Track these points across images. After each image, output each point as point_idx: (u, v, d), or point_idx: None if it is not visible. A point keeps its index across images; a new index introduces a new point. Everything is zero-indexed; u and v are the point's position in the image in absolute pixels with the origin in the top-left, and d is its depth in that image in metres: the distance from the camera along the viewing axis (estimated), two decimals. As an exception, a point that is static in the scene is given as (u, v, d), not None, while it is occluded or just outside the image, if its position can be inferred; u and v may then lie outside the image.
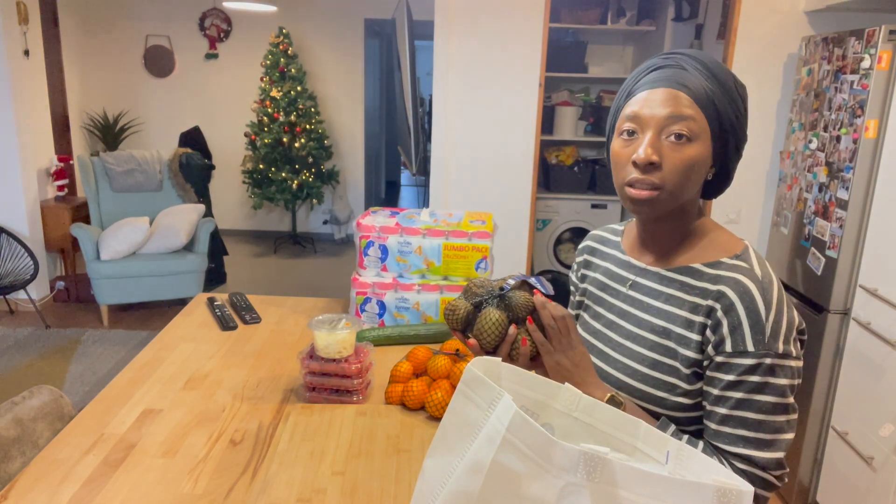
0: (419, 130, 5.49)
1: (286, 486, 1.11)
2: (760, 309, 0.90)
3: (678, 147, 0.91)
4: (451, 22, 3.29)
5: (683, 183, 0.93)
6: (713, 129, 0.93)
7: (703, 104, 0.92)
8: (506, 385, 0.86)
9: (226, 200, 6.66)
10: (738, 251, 0.98)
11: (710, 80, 0.93)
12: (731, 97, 0.93)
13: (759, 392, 0.90)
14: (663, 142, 0.92)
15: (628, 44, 4.67)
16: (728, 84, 0.94)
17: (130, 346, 3.91)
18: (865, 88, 2.19)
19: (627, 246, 1.11)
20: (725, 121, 0.93)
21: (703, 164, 0.94)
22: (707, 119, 0.92)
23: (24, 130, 4.35)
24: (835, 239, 2.33)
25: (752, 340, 0.90)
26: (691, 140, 0.91)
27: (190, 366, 1.54)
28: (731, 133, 0.95)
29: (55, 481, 1.09)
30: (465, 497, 0.72)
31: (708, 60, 0.94)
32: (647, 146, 0.91)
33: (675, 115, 0.91)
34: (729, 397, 0.92)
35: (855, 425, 2.24)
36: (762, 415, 0.91)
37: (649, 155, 0.91)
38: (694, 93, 0.91)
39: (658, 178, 0.92)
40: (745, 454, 0.91)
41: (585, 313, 1.14)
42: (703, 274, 0.97)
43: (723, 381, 0.92)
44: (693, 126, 0.91)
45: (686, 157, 0.91)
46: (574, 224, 4.26)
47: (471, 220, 1.80)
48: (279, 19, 6.23)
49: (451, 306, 1.13)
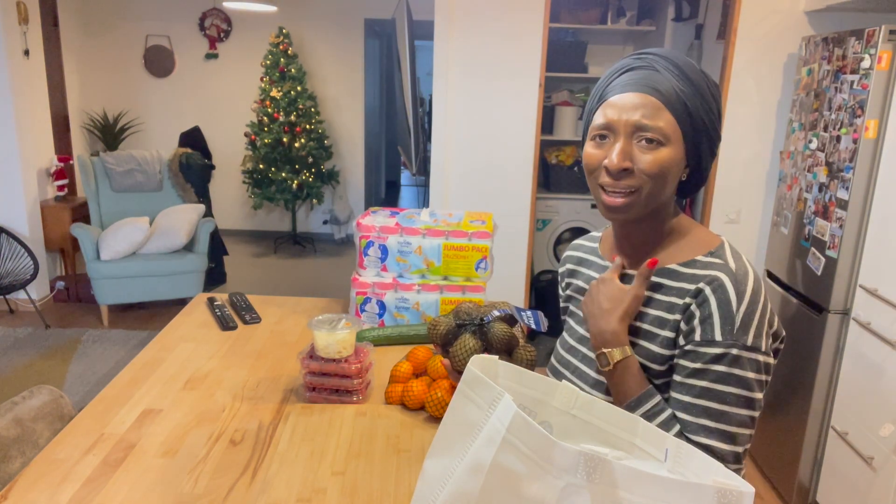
0: (419, 130, 5.49)
1: (286, 486, 1.11)
2: (732, 299, 0.90)
3: (650, 151, 0.91)
4: (451, 22, 3.29)
5: (656, 187, 0.93)
6: (685, 131, 0.93)
7: (673, 107, 0.91)
8: (503, 383, 0.86)
9: (226, 200, 6.66)
10: (714, 248, 0.98)
11: (681, 80, 0.92)
12: (703, 97, 0.93)
13: (723, 382, 0.89)
14: (635, 146, 0.92)
15: (628, 44, 4.67)
16: (700, 84, 0.93)
17: (130, 346, 3.91)
18: (865, 88, 2.19)
19: (605, 251, 1.11)
20: (697, 121, 0.93)
21: (677, 166, 0.94)
22: (678, 121, 0.92)
23: (24, 130, 4.34)
24: (835, 239, 2.33)
25: (720, 330, 0.90)
26: (663, 144, 0.91)
27: (190, 366, 1.54)
28: (704, 133, 0.94)
29: (55, 481, 1.09)
30: (465, 497, 0.72)
31: (680, 61, 0.94)
32: (618, 152, 0.91)
33: (646, 119, 0.91)
34: (692, 385, 0.91)
35: (855, 425, 2.24)
36: (725, 406, 0.90)
37: (621, 161, 0.91)
38: (665, 96, 0.91)
39: (630, 183, 0.92)
40: (707, 444, 0.90)
41: (571, 319, 1.15)
42: (680, 274, 0.97)
43: (687, 369, 0.92)
44: (664, 130, 0.91)
45: (658, 161, 0.91)
46: (574, 224, 4.26)
47: (471, 220, 1.79)
48: (279, 19, 6.23)
49: (434, 321, 1.24)
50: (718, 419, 0.90)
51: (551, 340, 4.09)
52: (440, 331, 1.20)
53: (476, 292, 1.74)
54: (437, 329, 1.21)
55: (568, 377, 1.09)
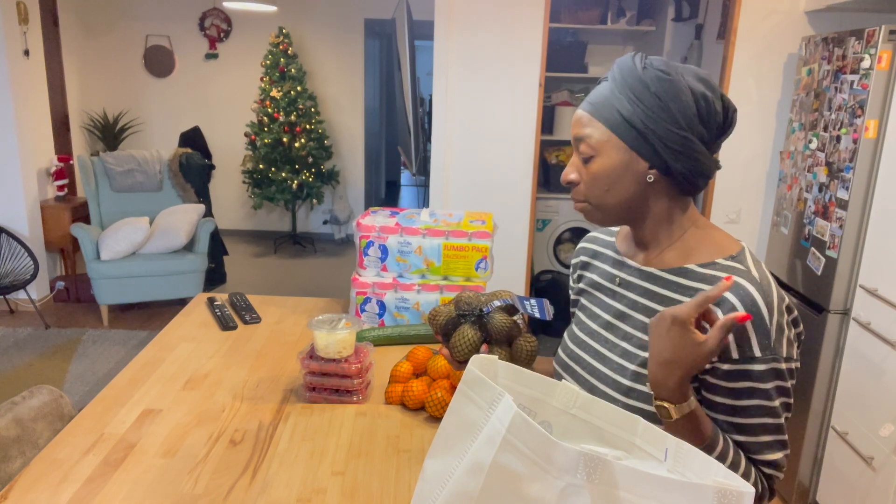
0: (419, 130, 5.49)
1: (286, 486, 1.11)
2: (764, 313, 0.90)
3: (586, 164, 0.99)
4: (451, 22, 3.29)
5: (601, 194, 0.99)
6: (625, 138, 0.95)
7: (604, 117, 0.96)
8: (503, 383, 0.86)
9: (226, 200, 6.66)
10: (734, 252, 0.98)
11: (620, 89, 0.95)
12: (641, 102, 0.93)
13: (770, 398, 0.91)
14: (580, 159, 1.01)
15: (628, 44, 4.67)
16: (639, 90, 0.93)
17: (130, 346, 3.91)
18: (865, 88, 2.19)
19: (621, 246, 1.12)
20: (639, 127, 0.94)
21: (623, 171, 0.97)
22: (613, 129, 0.96)
23: (24, 130, 4.34)
24: (835, 239, 2.33)
25: (758, 346, 0.89)
26: (593, 156, 0.98)
27: (190, 366, 1.54)
28: (654, 137, 0.93)
29: (55, 481, 1.09)
30: (465, 497, 0.72)
31: (626, 69, 0.96)
32: (567, 167, 1.02)
33: (578, 136, 0.99)
34: (744, 406, 0.91)
35: (855, 425, 2.24)
36: (777, 418, 0.92)
37: (566, 175, 1.02)
38: (597, 108, 0.98)
39: (578, 193, 1.02)
40: (772, 459, 0.93)
41: (582, 314, 1.15)
42: (697, 274, 0.97)
43: (735, 390, 0.92)
44: (593, 142, 0.98)
45: (593, 172, 0.99)
46: (574, 224, 4.26)
47: (471, 220, 1.79)
48: (279, 19, 6.23)
49: (434, 311, 1.24)
50: (775, 432, 0.93)
51: (552, 340, 4.09)
52: (440, 321, 1.19)
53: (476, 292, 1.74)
54: (436, 319, 1.20)
55: (577, 371, 1.09)
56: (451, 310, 1.30)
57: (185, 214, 4.36)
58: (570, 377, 1.11)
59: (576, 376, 1.10)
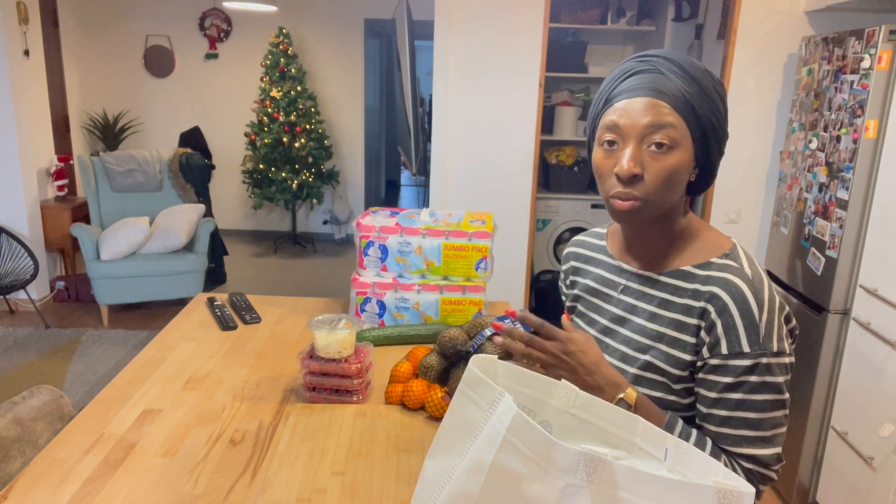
0: (419, 130, 5.49)
1: (286, 486, 1.11)
2: (754, 309, 0.91)
3: (660, 156, 0.91)
4: (451, 22, 3.29)
5: (666, 191, 0.93)
6: (694, 133, 0.93)
7: (681, 109, 0.91)
8: (502, 383, 0.86)
9: (226, 200, 6.66)
10: (727, 250, 0.98)
11: (688, 82, 0.92)
12: (709, 98, 0.93)
13: (757, 392, 0.91)
14: (644, 151, 0.91)
15: (628, 44, 4.67)
16: (706, 85, 0.93)
17: (130, 346, 3.91)
18: (865, 88, 2.19)
19: (615, 250, 1.11)
20: (706, 123, 0.93)
21: (686, 168, 0.94)
22: (687, 124, 0.92)
23: (24, 130, 4.35)
24: (835, 239, 2.33)
25: (747, 341, 0.90)
26: (672, 148, 0.91)
27: (190, 366, 1.54)
28: (713, 134, 0.94)
29: (55, 481, 1.09)
30: (465, 498, 0.72)
31: (684, 62, 0.93)
32: (629, 158, 0.91)
33: (656, 124, 0.90)
34: (728, 399, 0.92)
35: (855, 425, 2.24)
36: (762, 413, 0.91)
37: (632, 168, 0.90)
38: (672, 99, 0.91)
39: (641, 189, 0.92)
40: (750, 454, 0.92)
41: (580, 320, 1.14)
42: (695, 276, 0.97)
43: (720, 384, 0.92)
44: (673, 133, 0.90)
45: (669, 165, 0.91)
46: (574, 224, 4.26)
47: (471, 220, 1.79)
48: (279, 19, 6.23)
49: (425, 366, 1.24)
50: (757, 427, 0.91)
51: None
52: (433, 374, 1.23)
53: (476, 292, 1.74)
54: (429, 374, 1.24)
55: None
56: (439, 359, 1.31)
57: (185, 214, 4.36)
58: None
59: None
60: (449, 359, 1.31)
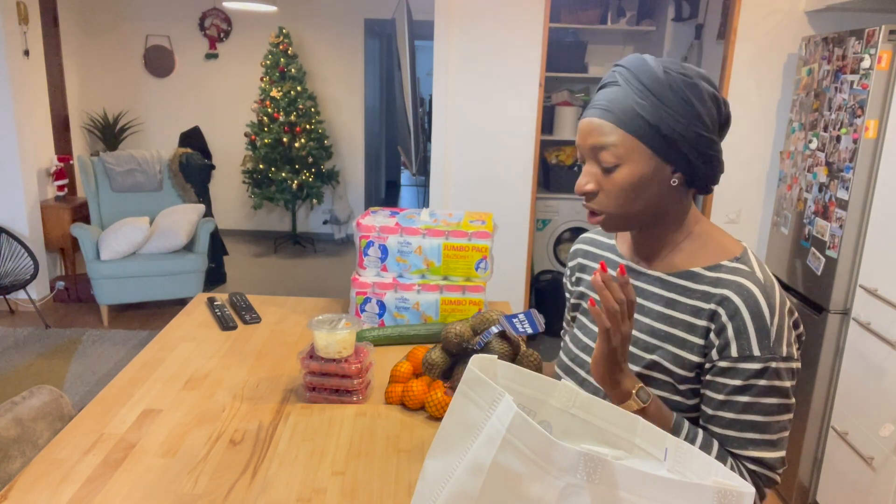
0: (419, 130, 5.48)
1: (286, 486, 1.11)
2: (765, 313, 0.91)
3: (609, 173, 0.95)
4: (451, 22, 3.29)
5: (625, 203, 0.96)
6: (651, 143, 0.92)
7: (628, 124, 0.92)
8: (502, 383, 0.86)
9: (226, 200, 6.66)
10: (738, 254, 0.98)
11: (640, 94, 0.92)
12: (666, 106, 0.91)
13: (765, 395, 0.91)
14: (599, 168, 0.96)
15: (628, 44, 4.67)
16: (662, 93, 0.91)
17: (130, 346, 3.91)
18: (865, 88, 2.19)
19: (624, 249, 1.11)
20: (665, 131, 0.92)
21: (649, 178, 0.94)
22: (638, 137, 0.92)
23: (24, 130, 4.34)
24: (835, 239, 2.33)
25: (757, 345, 0.90)
26: (620, 165, 0.94)
27: (190, 366, 1.54)
28: (680, 140, 0.92)
29: (55, 481, 1.09)
30: (465, 497, 0.72)
31: (641, 71, 0.93)
32: (581, 177, 0.97)
33: (597, 145, 0.94)
34: (735, 402, 0.92)
35: (855, 425, 2.24)
36: (769, 416, 0.92)
37: (582, 186, 0.97)
38: (618, 115, 0.92)
39: (599, 204, 0.97)
40: (756, 456, 0.92)
41: (585, 318, 1.14)
42: (704, 277, 0.97)
43: (728, 387, 0.92)
44: (616, 151, 0.93)
45: (619, 181, 0.94)
46: (574, 224, 4.26)
47: (471, 220, 1.79)
48: (279, 19, 6.23)
49: (429, 362, 1.24)
50: (764, 430, 0.92)
51: (550, 340, 4.09)
52: (437, 372, 1.22)
53: (476, 292, 1.74)
54: (434, 371, 1.23)
55: (584, 376, 1.09)
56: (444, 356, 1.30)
57: (185, 214, 4.36)
58: (575, 381, 1.10)
59: (580, 380, 1.09)
60: (454, 356, 1.31)
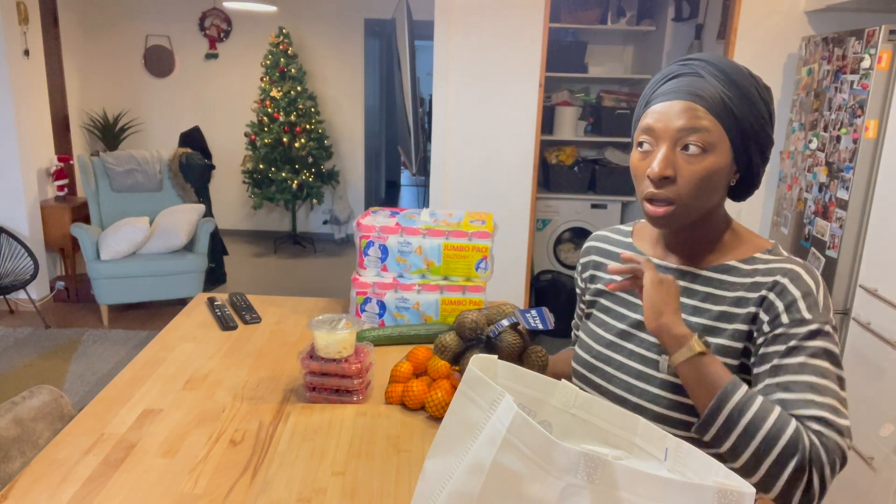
0: (419, 130, 5.49)
1: (286, 486, 1.11)
2: (811, 284, 0.93)
3: (693, 160, 0.92)
4: (451, 22, 3.29)
5: (699, 195, 0.93)
6: (732, 138, 0.92)
7: (718, 114, 0.91)
8: (502, 382, 0.86)
9: (226, 200, 6.66)
10: (770, 247, 1.00)
11: (728, 86, 0.92)
12: (750, 102, 0.92)
13: (819, 357, 0.90)
14: (678, 154, 0.92)
15: (628, 44, 4.67)
16: (748, 89, 0.93)
17: (130, 346, 3.91)
18: (865, 88, 2.19)
19: (645, 246, 1.10)
20: (746, 127, 0.93)
21: (722, 173, 0.94)
22: (724, 128, 0.92)
23: (24, 130, 4.35)
24: (835, 239, 2.33)
25: (808, 311, 0.91)
26: (706, 151, 0.91)
27: (190, 366, 1.54)
28: (754, 139, 0.94)
29: (55, 481, 1.09)
30: (465, 498, 0.72)
31: (727, 66, 0.93)
32: (660, 160, 0.92)
33: (689, 127, 0.91)
34: (790, 364, 0.90)
35: (855, 425, 2.24)
36: (825, 380, 0.88)
37: (662, 169, 0.91)
38: (709, 103, 0.91)
39: (672, 192, 0.93)
40: (819, 415, 0.87)
41: (606, 315, 1.12)
42: (742, 270, 0.98)
43: (781, 350, 0.91)
44: (708, 137, 0.91)
45: (701, 169, 0.92)
46: (574, 224, 4.26)
47: (471, 220, 1.79)
48: (279, 19, 6.23)
49: (441, 344, 1.24)
50: (822, 393, 0.88)
51: (550, 339, 4.09)
52: (449, 354, 1.22)
53: (476, 292, 1.74)
54: (445, 353, 1.22)
55: (610, 373, 1.07)
56: (457, 340, 1.30)
57: (185, 214, 4.37)
58: (599, 378, 1.09)
59: (606, 376, 1.08)
60: (467, 341, 1.31)
